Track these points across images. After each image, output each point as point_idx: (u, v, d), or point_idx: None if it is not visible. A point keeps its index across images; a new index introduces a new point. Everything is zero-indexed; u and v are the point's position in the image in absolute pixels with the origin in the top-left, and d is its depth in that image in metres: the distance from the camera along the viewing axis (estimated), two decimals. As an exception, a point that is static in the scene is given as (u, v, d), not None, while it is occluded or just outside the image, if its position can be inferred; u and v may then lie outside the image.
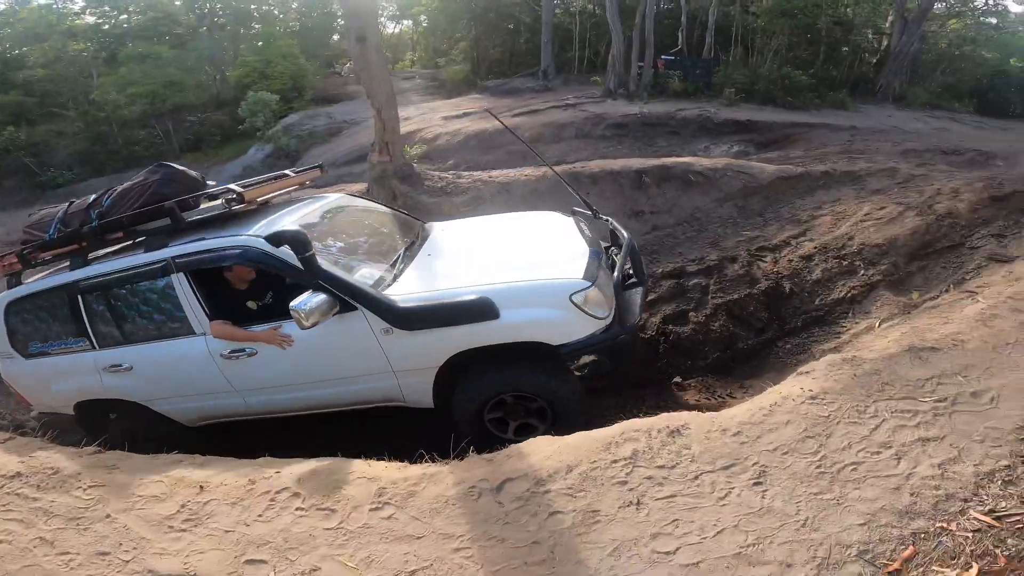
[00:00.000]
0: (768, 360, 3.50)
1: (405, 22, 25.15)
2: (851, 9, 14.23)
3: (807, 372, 2.64)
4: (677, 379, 3.97)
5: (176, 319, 3.12)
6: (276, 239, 2.77)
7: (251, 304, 3.22)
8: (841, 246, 4.86)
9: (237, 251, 2.93)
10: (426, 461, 2.52)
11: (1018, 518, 1.78)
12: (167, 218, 3.01)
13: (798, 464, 2.06)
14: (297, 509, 2.23)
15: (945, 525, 1.80)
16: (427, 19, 20.67)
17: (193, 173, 3.37)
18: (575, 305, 2.70)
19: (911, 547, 1.73)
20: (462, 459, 2.46)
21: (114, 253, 3.30)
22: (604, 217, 3.72)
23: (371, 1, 5.59)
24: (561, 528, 1.97)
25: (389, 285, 3.00)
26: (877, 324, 3.68)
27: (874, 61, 14.03)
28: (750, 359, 4.08)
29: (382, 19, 23.59)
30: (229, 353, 3.07)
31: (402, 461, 2.55)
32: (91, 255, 3.27)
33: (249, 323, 3.04)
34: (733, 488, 1.98)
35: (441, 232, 3.89)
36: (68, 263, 3.27)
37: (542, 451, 2.36)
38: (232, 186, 3.19)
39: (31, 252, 3.25)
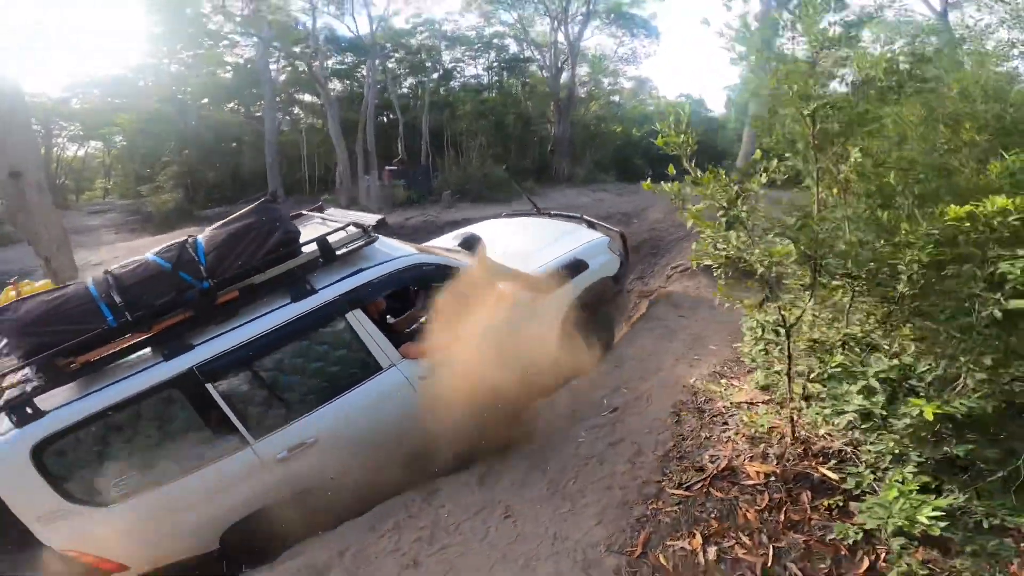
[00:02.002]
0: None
1: (93, 143, 21.35)
2: (530, 103, 16.93)
3: (523, 417, 3.25)
4: None
5: (355, 362, 3.00)
6: (468, 243, 3.73)
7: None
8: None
9: (414, 269, 3.23)
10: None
11: (700, 484, 2.25)
12: (297, 256, 2.89)
13: (533, 492, 2.58)
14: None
15: (656, 505, 2.22)
16: (124, 139, 17.58)
17: None
18: (611, 251, 4.42)
19: (643, 531, 2.11)
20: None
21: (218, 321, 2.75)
22: (548, 211, 5.69)
23: (25, 130, 5.05)
24: (349, 607, 2.06)
25: None
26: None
27: (549, 148, 16.49)
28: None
29: (61, 139, 20.04)
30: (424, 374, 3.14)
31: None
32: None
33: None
34: (490, 527, 2.41)
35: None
36: (148, 353, 2.62)
37: (311, 547, 2.53)
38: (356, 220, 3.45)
39: (76, 351, 2.41)
